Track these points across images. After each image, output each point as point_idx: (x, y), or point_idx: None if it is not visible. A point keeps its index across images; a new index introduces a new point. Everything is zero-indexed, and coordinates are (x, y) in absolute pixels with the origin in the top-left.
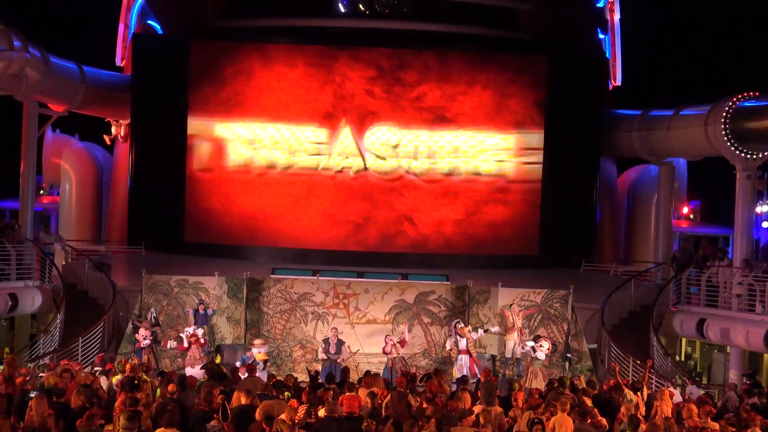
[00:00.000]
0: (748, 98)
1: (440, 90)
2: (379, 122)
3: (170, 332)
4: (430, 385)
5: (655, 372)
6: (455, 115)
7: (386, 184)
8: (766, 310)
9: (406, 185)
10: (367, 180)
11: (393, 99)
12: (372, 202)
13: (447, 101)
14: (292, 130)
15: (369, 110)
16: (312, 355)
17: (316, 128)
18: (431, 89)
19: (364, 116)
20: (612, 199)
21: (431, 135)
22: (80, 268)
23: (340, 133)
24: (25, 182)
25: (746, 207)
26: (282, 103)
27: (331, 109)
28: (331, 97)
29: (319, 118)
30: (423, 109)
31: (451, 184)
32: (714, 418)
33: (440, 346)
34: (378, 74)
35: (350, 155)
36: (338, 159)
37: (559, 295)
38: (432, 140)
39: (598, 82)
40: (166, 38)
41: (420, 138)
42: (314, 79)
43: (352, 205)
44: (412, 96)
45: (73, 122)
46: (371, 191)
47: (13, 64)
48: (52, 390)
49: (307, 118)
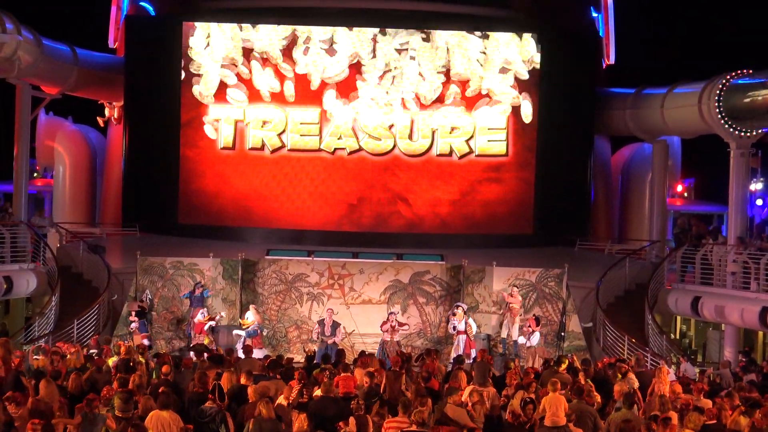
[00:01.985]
0: (741, 76)
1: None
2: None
3: (165, 314)
4: (427, 365)
5: (649, 350)
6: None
7: (380, 164)
8: (761, 288)
9: (400, 165)
10: (361, 160)
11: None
12: (366, 182)
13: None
14: (286, 110)
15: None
16: (307, 336)
17: (309, 108)
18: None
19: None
20: (606, 177)
21: (425, 115)
22: (75, 250)
23: (333, 114)
24: (18, 165)
25: (740, 185)
26: (274, 83)
27: (323, 89)
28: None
29: (312, 98)
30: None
31: (446, 163)
32: (708, 396)
33: (435, 325)
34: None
35: (344, 136)
36: (331, 140)
37: (554, 274)
38: (425, 121)
39: (591, 61)
40: (159, 20)
41: (414, 117)
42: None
43: (346, 185)
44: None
45: (67, 104)
46: (365, 171)
47: (5, 47)
48: (43, 372)
49: (299, 98)
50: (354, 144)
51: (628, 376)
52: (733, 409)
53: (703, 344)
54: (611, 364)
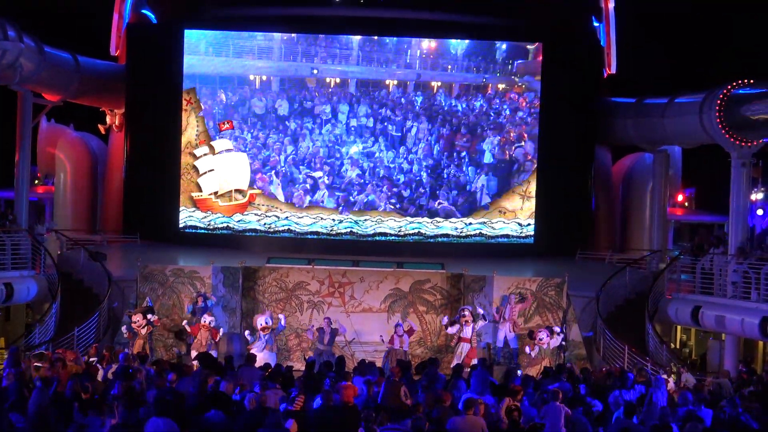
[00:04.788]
0: (742, 86)
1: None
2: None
3: (165, 321)
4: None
5: (650, 360)
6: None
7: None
8: (761, 298)
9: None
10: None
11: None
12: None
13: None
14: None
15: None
16: (307, 344)
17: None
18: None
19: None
20: (607, 186)
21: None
22: (75, 257)
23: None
24: (19, 172)
25: (741, 194)
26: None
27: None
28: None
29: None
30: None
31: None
32: (708, 406)
33: (435, 334)
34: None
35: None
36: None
37: (554, 283)
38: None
39: (592, 70)
40: (161, 28)
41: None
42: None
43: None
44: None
45: (68, 112)
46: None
47: (7, 54)
48: (45, 380)
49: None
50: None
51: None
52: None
53: (703, 354)
54: (610, 373)
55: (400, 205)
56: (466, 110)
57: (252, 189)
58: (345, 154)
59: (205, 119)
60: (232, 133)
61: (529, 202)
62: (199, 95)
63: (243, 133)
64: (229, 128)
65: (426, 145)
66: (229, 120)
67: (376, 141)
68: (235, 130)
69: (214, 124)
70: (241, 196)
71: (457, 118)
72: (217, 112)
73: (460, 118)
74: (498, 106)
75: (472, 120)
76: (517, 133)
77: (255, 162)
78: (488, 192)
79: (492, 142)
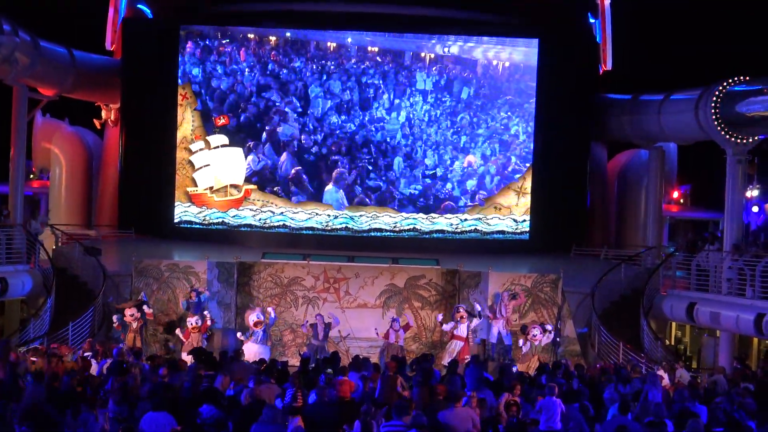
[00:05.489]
0: (738, 83)
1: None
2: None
3: (160, 316)
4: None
5: (644, 356)
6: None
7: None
8: (756, 295)
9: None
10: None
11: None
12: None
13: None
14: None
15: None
16: (302, 339)
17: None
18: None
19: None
20: (602, 183)
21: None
22: (71, 252)
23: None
24: (14, 167)
25: (736, 191)
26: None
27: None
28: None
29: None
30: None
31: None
32: (702, 403)
33: (431, 330)
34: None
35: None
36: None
37: (549, 280)
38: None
39: (588, 67)
40: (156, 22)
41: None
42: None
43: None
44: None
45: (63, 106)
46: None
47: (2, 49)
48: (40, 374)
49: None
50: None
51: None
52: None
53: (698, 350)
54: (604, 369)
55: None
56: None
57: (247, 184)
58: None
59: (201, 114)
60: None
61: (524, 198)
62: (194, 90)
63: (238, 129)
64: (224, 123)
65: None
66: (225, 115)
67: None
68: (230, 125)
69: (210, 119)
70: (237, 191)
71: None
72: (213, 108)
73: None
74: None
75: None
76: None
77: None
78: (484, 188)
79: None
